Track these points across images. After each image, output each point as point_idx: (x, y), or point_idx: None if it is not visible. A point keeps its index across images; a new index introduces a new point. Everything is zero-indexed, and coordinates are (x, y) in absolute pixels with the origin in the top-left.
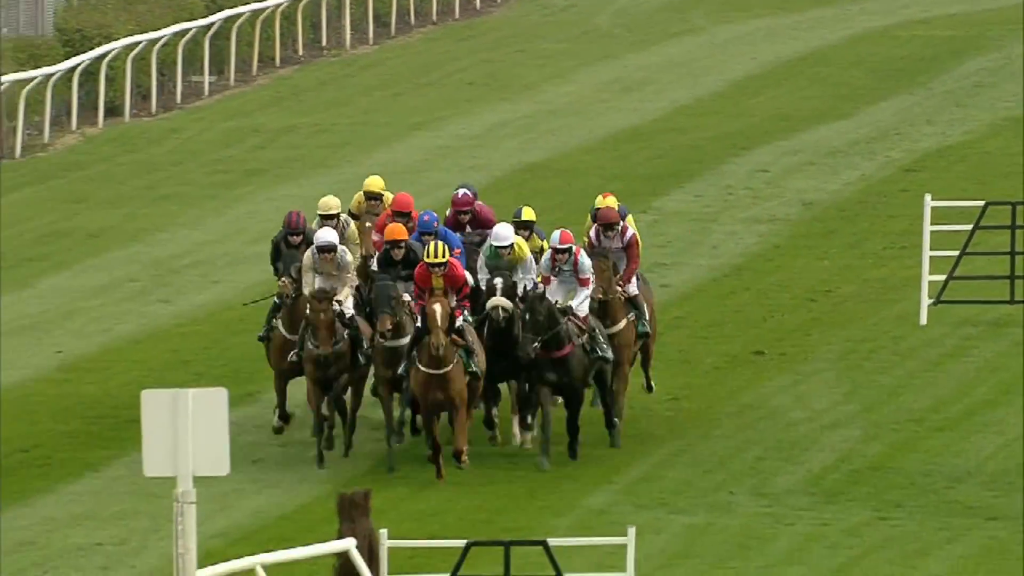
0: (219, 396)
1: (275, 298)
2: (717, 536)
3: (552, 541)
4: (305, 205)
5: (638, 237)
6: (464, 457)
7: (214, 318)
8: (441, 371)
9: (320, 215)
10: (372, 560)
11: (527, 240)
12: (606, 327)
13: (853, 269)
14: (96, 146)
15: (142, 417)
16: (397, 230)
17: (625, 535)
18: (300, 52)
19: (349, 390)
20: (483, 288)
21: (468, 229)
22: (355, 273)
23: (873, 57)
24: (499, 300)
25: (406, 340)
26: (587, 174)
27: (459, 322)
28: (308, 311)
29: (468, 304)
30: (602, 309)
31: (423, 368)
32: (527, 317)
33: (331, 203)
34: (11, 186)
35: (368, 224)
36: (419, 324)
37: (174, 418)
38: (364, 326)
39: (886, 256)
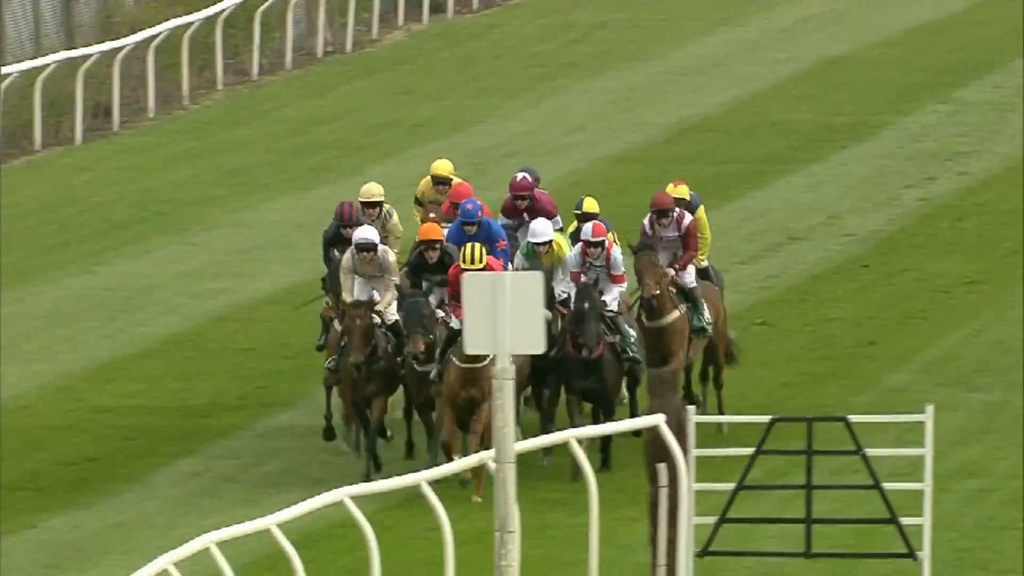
0: (534, 279)
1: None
2: (1014, 414)
3: (852, 418)
4: (620, 97)
5: (698, 226)
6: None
7: None
8: (479, 365)
9: (361, 202)
10: (680, 435)
11: None
12: (652, 320)
13: None
14: (421, 41)
15: (463, 298)
16: (433, 230)
17: (923, 412)
18: None
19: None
20: None
21: (525, 217)
22: (396, 274)
23: None
24: None
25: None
26: (888, 66)
27: None
28: (345, 319)
29: None
30: (648, 307)
31: (458, 363)
32: (585, 306)
33: (373, 190)
34: (342, 79)
35: (432, 215)
36: (453, 325)
37: (493, 300)
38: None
39: None
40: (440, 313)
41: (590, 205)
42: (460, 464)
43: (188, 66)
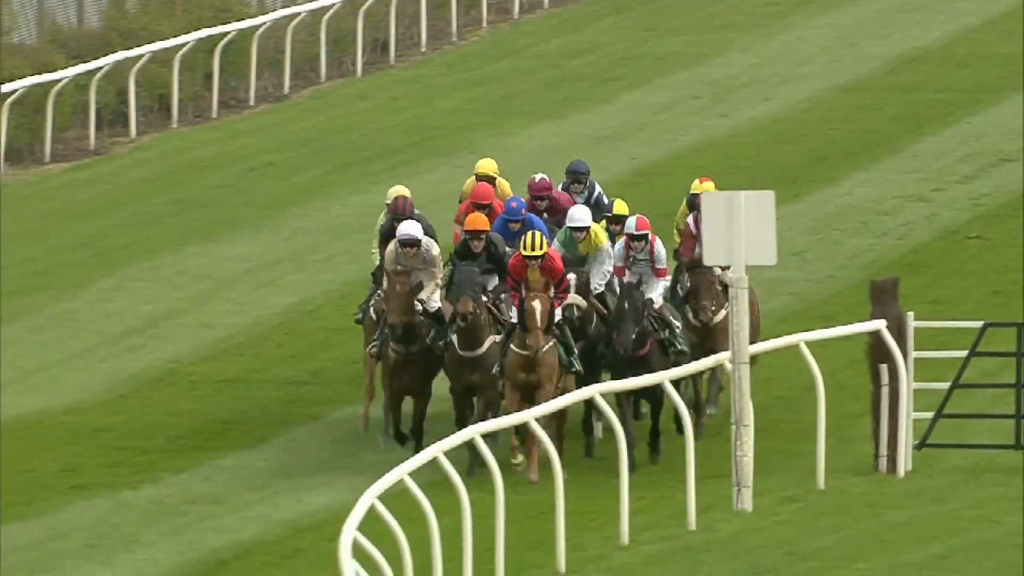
0: (767, 198)
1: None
2: None
3: None
4: (845, 32)
5: None
6: (529, 471)
7: (765, 129)
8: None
9: (389, 205)
10: (900, 339)
11: (618, 235)
12: (699, 319)
13: None
14: None
15: (702, 215)
16: (478, 220)
17: None
18: None
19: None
20: None
21: (545, 216)
22: (440, 268)
23: None
24: (573, 298)
25: (481, 351)
26: None
27: (557, 317)
28: (385, 285)
29: (566, 297)
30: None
31: (517, 350)
32: (625, 306)
33: (400, 193)
34: (593, 17)
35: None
36: (513, 319)
37: (729, 216)
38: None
39: None
40: (484, 298)
41: (620, 208)
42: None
43: (456, 5)
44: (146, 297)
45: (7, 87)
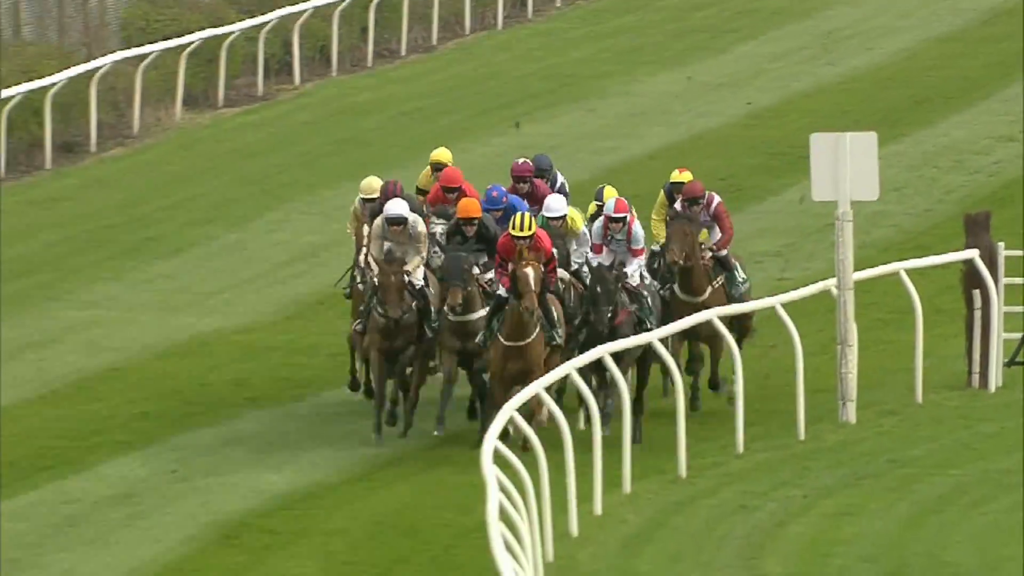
0: (871, 138)
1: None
2: None
3: None
4: None
5: (724, 207)
6: (541, 417)
7: (870, 76)
8: (522, 343)
9: (362, 198)
10: (992, 267)
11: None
12: (688, 295)
13: None
14: None
15: (811, 154)
16: (471, 206)
17: None
18: None
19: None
20: None
21: (525, 203)
22: (426, 244)
23: None
24: (559, 272)
25: (476, 315)
26: None
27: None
28: (378, 275)
29: (555, 277)
30: (684, 278)
31: (504, 341)
32: (598, 289)
33: (373, 185)
34: None
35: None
36: (500, 293)
37: (835, 155)
38: (432, 298)
39: None
40: (477, 270)
41: (610, 193)
42: (940, 259)
43: None
44: (308, 228)
45: (187, 39)
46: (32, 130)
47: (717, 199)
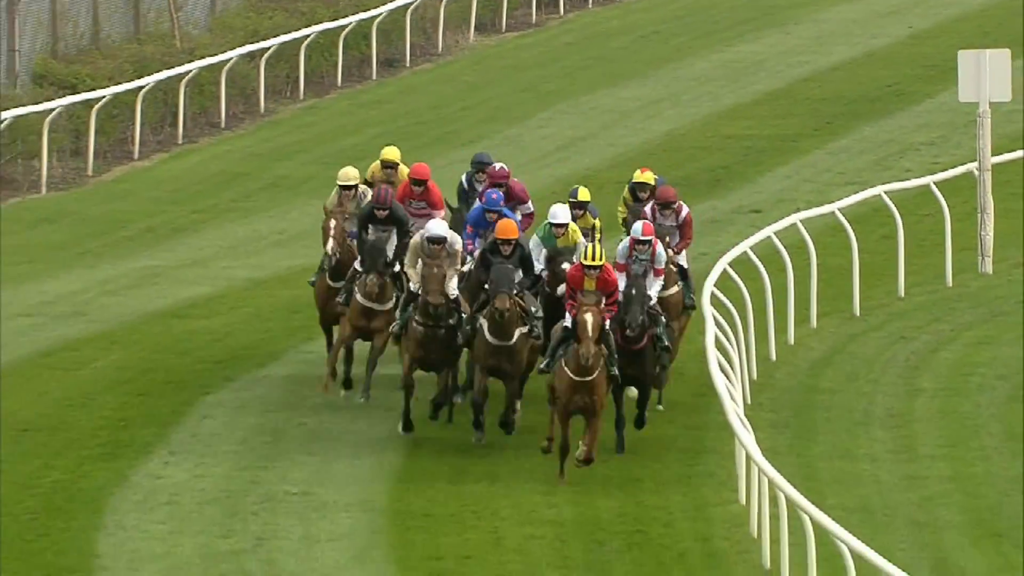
0: (1005, 54)
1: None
2: None
3: None
4: None
5: (691, 216)
6: (592, 455)
7: (1007, 5)
8: (588, 378)
9: (340, 185)
10: None
11: (580, 219)
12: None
13: None
14: None
15: (959, 65)
16: (509, 227)
17: None
18: None
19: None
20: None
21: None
22: (461, 260)
23: None
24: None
25: (510, 342)
26: None
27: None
28: (423, 271)
29: (616, 309)
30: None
31: (571, 374)
32: (633, 292)
33: (350, 174)
34: None
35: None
36: (567, 325)
37: (977, 67)
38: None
39: None
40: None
41: (583, 195)
42: None
43: None
44: (569, 125)
45: None
46: (361, 50)
47: (686, 209)
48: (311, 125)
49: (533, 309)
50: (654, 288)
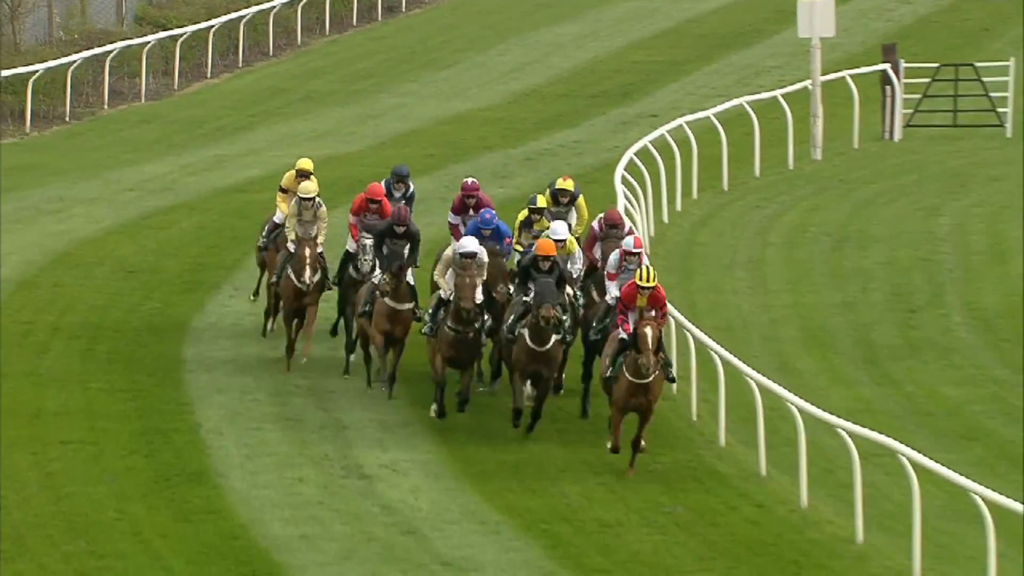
0: (829, 2)
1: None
2: None
3: None
4: None
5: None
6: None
7: None
8: (645, 381)
9: (300, 197)
10: (897, 75)
11: (537, 223)
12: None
13: None
14: None
15: (798, 12)
16: (548, 246)
17: None
18: None
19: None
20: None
21: (471, 212)
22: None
23: None
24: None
25: (547, 347)
26: None
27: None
28: (458, 280)
29: (664, 321)
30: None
31: (629, 377)
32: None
33: (310, 187)
34: None
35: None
36: (623, 336)
37: (811, 11)
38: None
39: None
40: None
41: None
42: None
43: None
44: (520, 53)
45: None
46: None
47: (629, 225)
48: (334, 54)
49: (564, 317)
50: None
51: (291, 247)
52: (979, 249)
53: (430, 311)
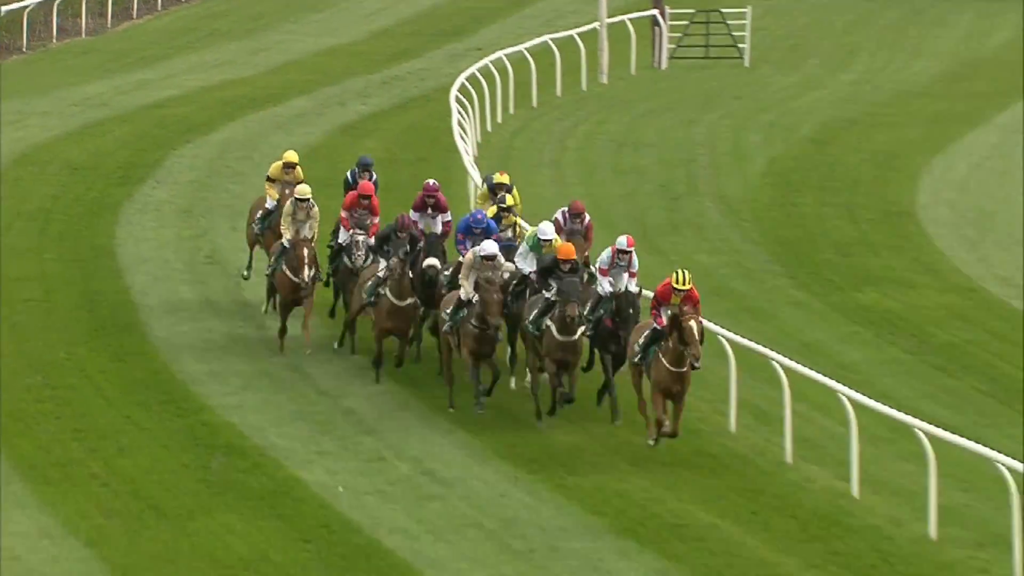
0: None
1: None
2: None
3: None
4: None
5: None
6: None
7: None
8: (682, 370)
9: (296, 198)
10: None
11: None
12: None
13: None
14: None
15: None
16: (569, 249)
17: None
18: None
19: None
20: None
21: (429, 211)
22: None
23: None
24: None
25: (574, 337)
26: None
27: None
28: (482, 294)
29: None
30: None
31: (669, 367)
32: (631, 311)
33: (305, 190)
34: None
35: (288, 191)
36: (656, 327)
37: None
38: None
39: None
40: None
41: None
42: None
43: None
44: None
45: None
46: None
47: (588, 217)
48: (232, 0)
49: (585, 311)
50: (631, 285)
51: (285, 243)
52: (725, 151)
53: (449, 310)
